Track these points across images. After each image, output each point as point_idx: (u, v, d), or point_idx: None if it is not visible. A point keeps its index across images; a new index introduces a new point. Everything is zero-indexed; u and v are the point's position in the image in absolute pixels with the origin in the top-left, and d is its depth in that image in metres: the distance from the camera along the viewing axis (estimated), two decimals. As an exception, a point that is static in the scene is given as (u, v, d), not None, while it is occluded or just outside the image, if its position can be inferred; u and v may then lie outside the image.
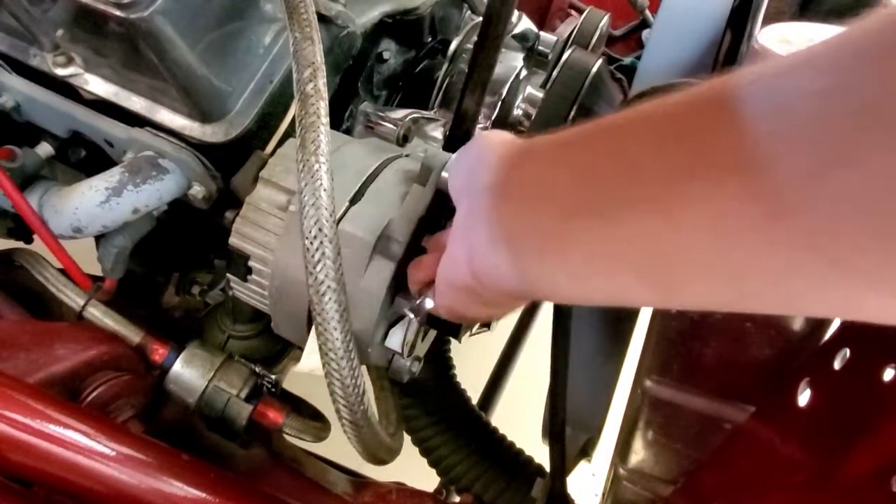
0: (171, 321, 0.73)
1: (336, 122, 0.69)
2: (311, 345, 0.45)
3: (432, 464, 0.66)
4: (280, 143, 0.60)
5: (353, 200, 0.49)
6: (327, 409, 0.50)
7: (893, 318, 0.20)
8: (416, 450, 0.66)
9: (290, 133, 0.61)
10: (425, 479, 0.65)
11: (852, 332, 0.39)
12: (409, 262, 0.46)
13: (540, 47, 0.83)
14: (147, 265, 0.68)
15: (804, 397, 0.40)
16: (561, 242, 0.27)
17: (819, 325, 0.41)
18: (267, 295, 0.52)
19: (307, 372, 0.46)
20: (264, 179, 0.52)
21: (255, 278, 0.52)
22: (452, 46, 0.77)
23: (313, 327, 0.43)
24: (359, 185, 0.50)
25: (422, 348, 0.59)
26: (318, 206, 0.42)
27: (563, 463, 0.53)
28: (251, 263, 0.52)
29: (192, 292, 0.73)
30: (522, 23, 0.80)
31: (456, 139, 0.58)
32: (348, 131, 0.71)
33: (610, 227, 0.24)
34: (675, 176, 0.22)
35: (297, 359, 0.66)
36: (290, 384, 0.66)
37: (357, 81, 0.70)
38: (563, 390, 0.48)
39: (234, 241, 0.52)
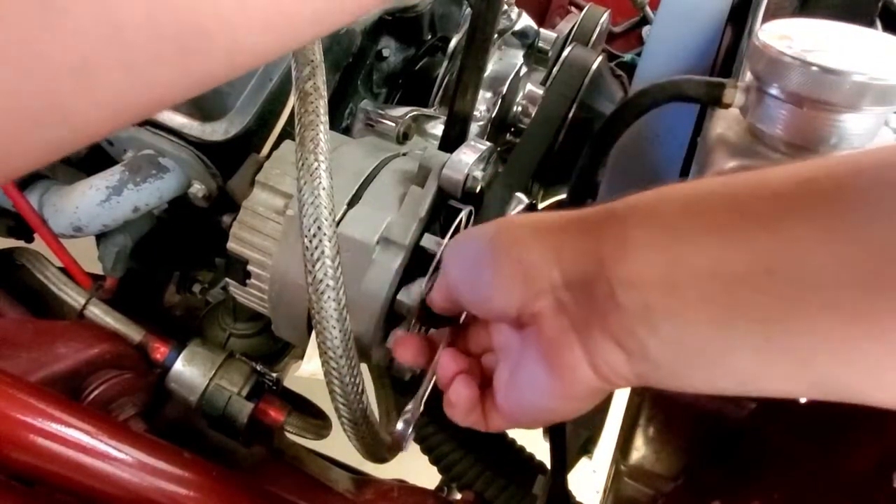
0: (172, 319, 0.73)
1: (336, 121, 0.69)
2: (312, 350, 0.45)
3: (433, 461, 0.66)
4: (277, 142, 0.60)
5: (351, 203, 0.49)
6: (328, 406, 0.51)
7: None
8: (417, 447, 0.66)
9: (286, 131, 0.61)
10: (427, 476, 0.65)
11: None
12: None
13: (540, 44, 0.83)
14: (148, 264, 0.68)
15: (805, 394, 0.40)
16: (715, 352, 0.24)
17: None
18: (266, 298, 0.52)
19: (308, 376, 0.46)
20: (261, 183, 0.51)
21: (254, 282, 0.52)
22: (452, 44, 0.77)
23: (313, 332, 0.43)
24: (356, 187, 0.50)
25: (422, 346, 0.59)
26: (318, 204, 0.41)
27: (563, 460, 0.53)
28: (250, 268, 0.52)
29: (192, 291, 0.74)
30: (522, 20, 0.80)
31: (450, 140, 0.58)
32: (348, 129, 0.71)
33: (784, 334, 0.22)
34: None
35: (299, 356, 0.66)
36: (291, 382, 0.66)
37: (357, 79, 0.70)
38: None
39: (232, 245, 0.52)
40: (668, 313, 0.24)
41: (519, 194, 0.50)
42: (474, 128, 0.72)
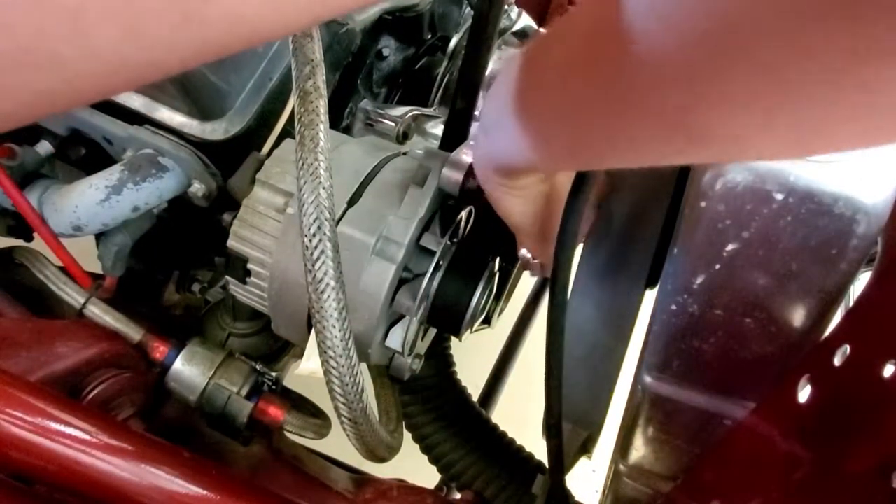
0: (172, 319, 0.73)
1: (336, 120, 0.69)
2: (312, 348, 0.45)
3: (433, 461, 0.66)
4: (278, 141, 0.60)
5: (351, 202, 0.49)
6: (327, 406, 0.51)
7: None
8: (416, 447, 0.67)
9: (287, 130, 0.61)
10: (426, 476, 0.65)
11: (853, 329, 0.39)
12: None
13: (540, 44, 0.83)
14: (147, 263, 0.68)
15: (804, 394, 0.40)
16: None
17: (819, 321, 0.41)
18: (266, 297, 0.52)
19: (307, 374, 0.46)
20: (261, 181, 0.51)
21: (254, 280, 0.52)
22: (452, 43, 0.77)
23: (313, 331, 0.43)
24: (356, 186, 0.50)
25: (422, 346, 0.59)
26: (318, 203, 0.41)
27: (561, 459, 0.53)
28: (250, 266, 0.51)
29: (192, 290, 0.73)
30: (522, 19, 0.80)
31: (452, 139, 0.58)
32: (348, 129, 0.71)
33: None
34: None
35: (298, 356, 0.66)
36: (290, 382, 0.66)
37: (356, 79, 0.70)
38: (558, 386, 0.48)
39: (232, 243, 0.52)
40: None
41: None
42: (475, 127, 0.72)
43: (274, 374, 0.62)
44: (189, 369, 0.59)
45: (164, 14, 0.19)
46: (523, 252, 0.50)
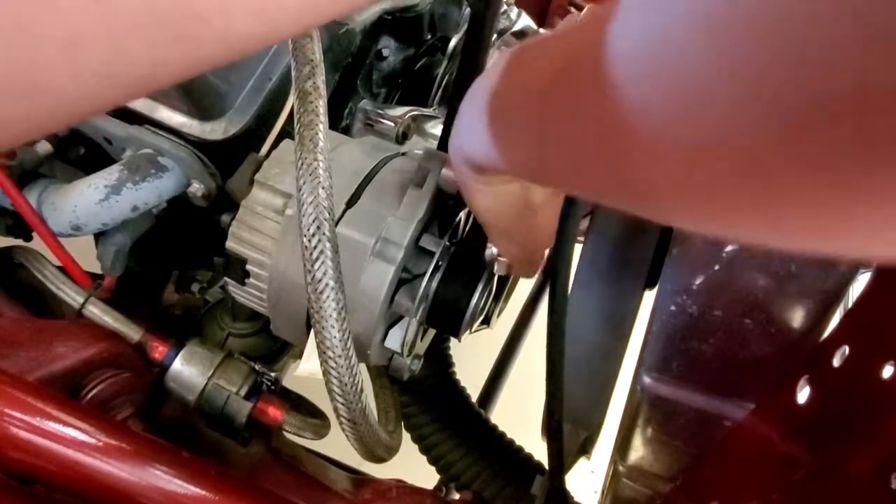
0: (171, 319, 0.73)
1: (335, 120, 0.69)
2: (311, 348, 0.45)
3: (432, 461, 0.66)
4: (277, 142, 0.60)
5: (350, 203, 0.49)
6: (326, 406, 0.51)
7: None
8: (416, 447, 0.67)
9: (286, 131, 0.61)
10: (425, 476, 0.65)
11: (852, 330, 0.39)
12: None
13: (539, 44, 0.83)
14: (146, 263, 0.68)
15: (803, 394, 0.40)
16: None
17: (818, 322, 0.41)
18: (265, 298, 0.52)
19: (307, 375, 0.46)
20: (260, 182, 0.51)
21: (253, 282, 0.52)
22: (452, 43, 0.77)
23: (312, 332, 0.43)
24: (355, 186, 0.50)
25: (421, 347, 0.59)
26: (317, 204, 0.41)
27: (560, 460, 0.53)
28: (249, 267, 0.51)
29: (191, 290, 0.73)
30: (522, 20, 0.80)
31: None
32: (347, 129, 0.71)
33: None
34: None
35: (297, 356, 0.66)
36: (289, 382, 0.66)
37: (356, 79, 0.70)
38: (559, 387, 0.48)
39: (230, 244, 0.51)
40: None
41: None
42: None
43: (273, 374, 0.62)
44: (188, 369, 0.59)
45: (155, 37, 0.20)
46: (490, 249, 0.49)
